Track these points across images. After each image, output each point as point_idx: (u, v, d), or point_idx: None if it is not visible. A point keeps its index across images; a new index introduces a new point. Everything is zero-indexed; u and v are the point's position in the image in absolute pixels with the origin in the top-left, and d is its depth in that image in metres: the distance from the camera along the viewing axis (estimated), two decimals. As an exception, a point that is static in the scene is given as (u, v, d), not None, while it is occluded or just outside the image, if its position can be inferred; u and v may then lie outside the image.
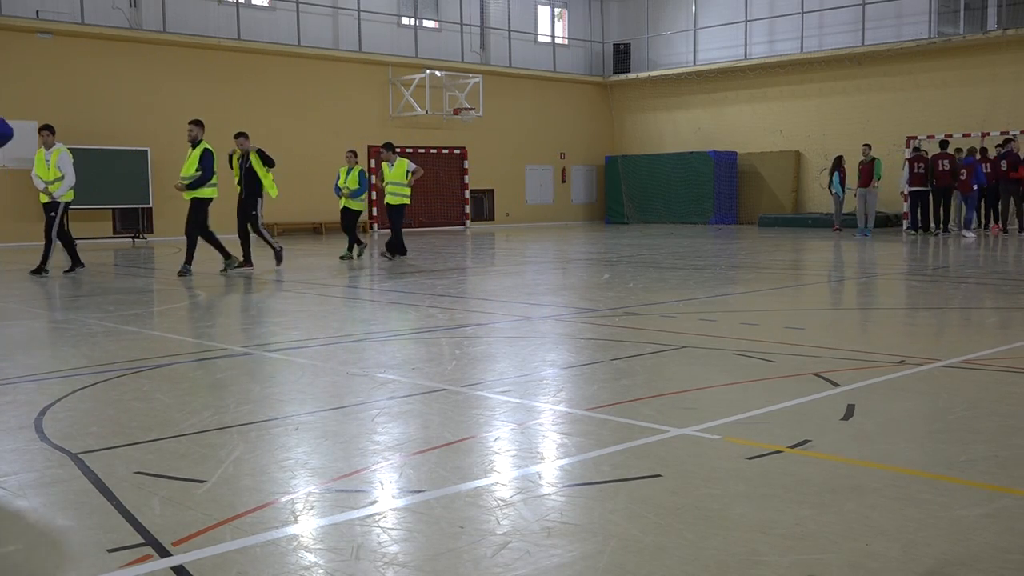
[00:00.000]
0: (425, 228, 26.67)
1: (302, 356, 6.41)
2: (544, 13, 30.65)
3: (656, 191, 29.11)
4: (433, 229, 26.70)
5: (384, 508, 3.28)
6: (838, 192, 21.97)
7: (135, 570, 2.75)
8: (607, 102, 31.63)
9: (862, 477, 3.53)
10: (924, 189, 20.73)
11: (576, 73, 30.97)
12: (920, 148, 21.45)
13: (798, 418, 4.44)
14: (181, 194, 12.75)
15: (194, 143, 12.51)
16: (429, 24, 27.59)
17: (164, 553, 2.86)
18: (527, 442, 4.16)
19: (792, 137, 27.37)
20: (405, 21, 26.88)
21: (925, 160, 20.69)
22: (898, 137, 23.99)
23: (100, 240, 21.11)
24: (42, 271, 12.37)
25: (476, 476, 3.63)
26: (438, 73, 25.99)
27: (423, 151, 26.65)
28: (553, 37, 30.74)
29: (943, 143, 21.06)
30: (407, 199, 15.05)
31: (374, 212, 25.34)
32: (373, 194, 23.05)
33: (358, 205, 15.14)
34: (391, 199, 14.95)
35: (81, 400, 5.05)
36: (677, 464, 3.72)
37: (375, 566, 2.75)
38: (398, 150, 16.18)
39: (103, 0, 21.48)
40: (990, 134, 22.19)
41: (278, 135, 23.75)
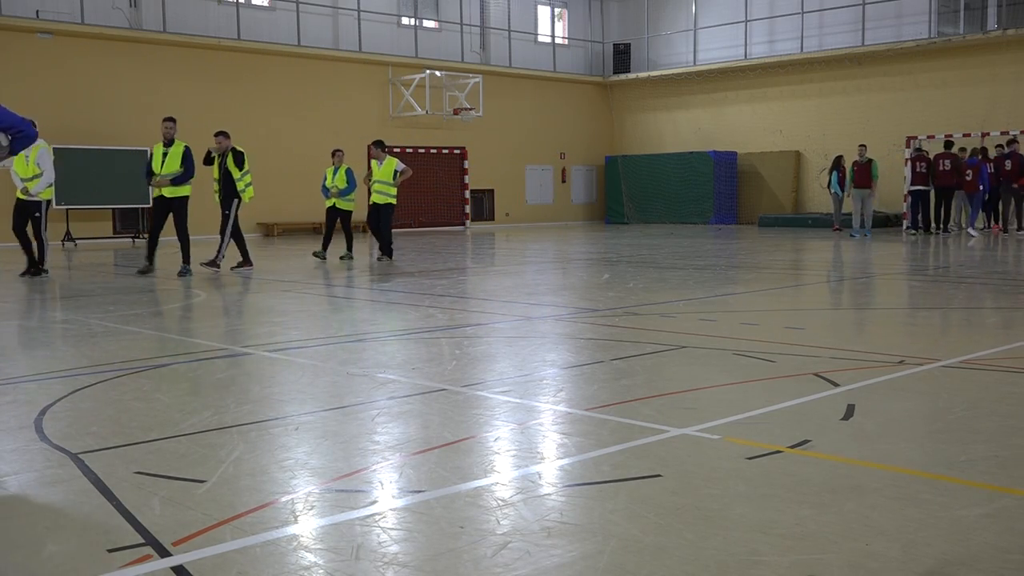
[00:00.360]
0: (425, 228, 26.69)
1: (302, 356, 6.41)
2: (544, 13, 30.65)
3: (656, 191, 29.11)
4: (433, 229, 26.71)
5: (384, 508, 3.27)
6: (837, 192, 21.98)
7: (135, 570, 2.75)
8: (607, 102, 31.63)
9: (862, 477, 3.53)
10: (925, 189, 20.72)
11: (576, 73, 30.97)
12: (921, 148, 21.44)
13: (798, 418, 4.44)
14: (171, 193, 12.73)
15: (171, 140, 12.52)
16: (429, 24, 27.60)
17: (164, 553, 2.86)
18: (527, 442, 4.16)
19: (792, 137, 27.37)
20: (405, 21, 26.89)
21: (926, 160, 20.67)
22: (898, 137, 23.99)
23: (100, 240, 21.11)
24: (41, 272, 12.35)
25: (476, 476, 3.63)
26: (438, 73, 26.00)
27: (423, 151, 26.66)
28: (553, 37, 30.75)
29: (947, 143, 21.04)
30: (393, 199, 14.86)
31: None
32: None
33: (347, 204, 14.98)
34: (377, 198, 14.74)
35: (81, 400, 5.05)
36: (677, 464, 3.72)
37: (375, 566, 2.75)
38: (396, 150, 16.15)
39: (103, 0, 21.49)
40: (990, 134, 22.20)
41: (278, 135, 23.78)
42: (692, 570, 2.69)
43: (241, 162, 13.03)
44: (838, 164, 21.92)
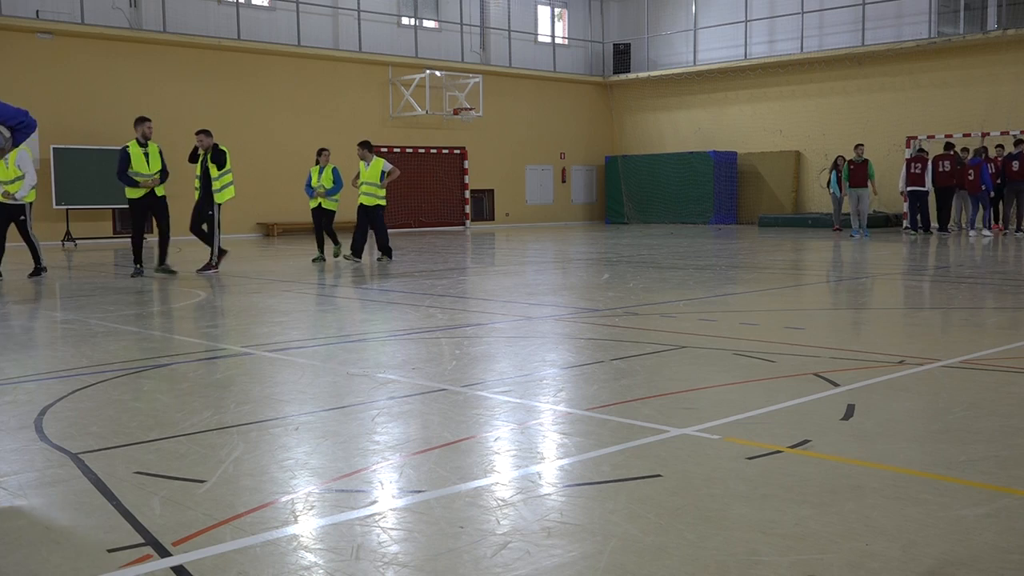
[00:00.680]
0: (425, 228, 26.69)
1: (302, 356, 6.41)
2: (544, 13, 30.65)
3: (656, 191, 29.12)
4: (433, 229, 26.71)
5: (384, 508, 3.27)
6: (836, 192, 21.98)
7: (135, 570, 2.75)
8: (607, 102, 31.63)
9: (862, 477, 3.53)
10: (923, 189, 20.71)
11: (576, 73, 30.97)
12: (922, 148, 21.43)
13: (798, 418, 4.44)
14: (167, 195, 12.78)
15: (148, 141, 12.55)
16: (429, 24, 27.59)
17: (164, 553, 2.86)
18: (527, 442, 4.16)
19: (792, 137, 27.37)
20: (405, 21, 26.89)
21: (924, 160, 20.67)
22: (898, 137, 23.99)
23: (100, 240, 21.11)
24: (40, 271, 12.34)
25: (476, 476, 3.63)
26: (438, 73, 26.00)
27: (423, 151, 26.66)
28: (553, 37, 30.75)
29: (948, 144, 21.05)
30: (382, 200, 14.71)
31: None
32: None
33: (332, 205, 14.83)
34: (365, 199, 14.51)
35: (81, 400, 5.05)
36: (677, 464, 3.72)
37: (375, 566, 2.75)
38: (396, 150, 16.07)
39: (103, 0, 21.49)
40: (990, 134, 22.19)
41: (278, 135, 23.78)
42: (692, 570, 2.69)
43: (222, 162, 12.91)
44: (837, 164, 21.92)
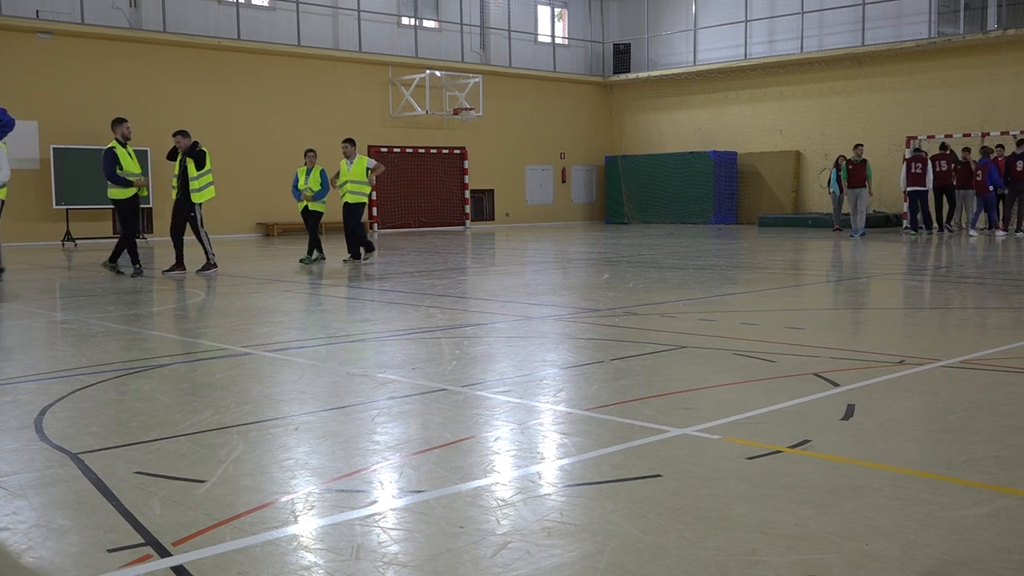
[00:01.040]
0: (425, 228, 26.69)
1: (302, 356, 6.41)
2: (544, 13, 30.64)
3: (656, 191, 29.11)
4: (433, 229, 26.70)
5: (384, 508, 3.28)
6: (835, 192, 21.99)
7: (135, 570, 2.75)
8: (607, 102, 31.63)
9: (862, 477, 3.53)
10: (922, 189, 20.71)
11: (576, 73, 30.97)
12: (921, 148, 21.44)
13: (798, 418, 4.44)
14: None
15: (127, 141, 12.63)
16: (429, 24, 27.59)
17: (164, 553, 2.86)
18: (527, 442, 4.16)
19: (792, 137, 27.36)
20: (405, 21, 26.88)
21: (923, 160, 20.68)
22: (898, 137, 23.99)
23: (100, 240, 21.10)
24: None
25: (476, 476, 3.63)
26: (438, 73, 25.99)
27: (423, 151, 26.66)
28: (553, 37, 30.74)
29: (943, 145, 21.07)
30: (366, 197, 14.56)
31: (375, 212, 25.37)
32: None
33: (319, 206, 14.71)
34: (351, 197, 14.22)
35: (81, 400, 5.05)
36: (677, 464, 3.72)
37: (375, 566, 2.75)
38: (397, 150, 16.04)
39: (103, 0, 21.48)
40: (990, 134, 22.19)
41: (278, 135, 23.77)
42: (692, 570, 2.69)
43: (201, 161, 12.81)
44: (838, 164, 21.93)
